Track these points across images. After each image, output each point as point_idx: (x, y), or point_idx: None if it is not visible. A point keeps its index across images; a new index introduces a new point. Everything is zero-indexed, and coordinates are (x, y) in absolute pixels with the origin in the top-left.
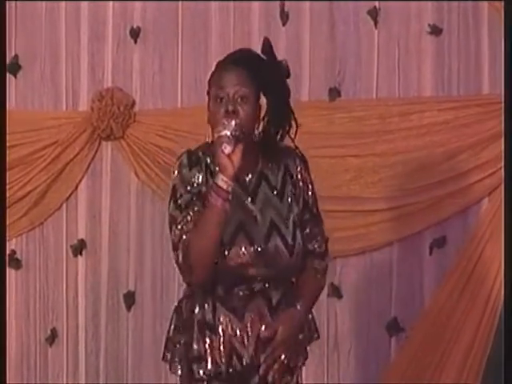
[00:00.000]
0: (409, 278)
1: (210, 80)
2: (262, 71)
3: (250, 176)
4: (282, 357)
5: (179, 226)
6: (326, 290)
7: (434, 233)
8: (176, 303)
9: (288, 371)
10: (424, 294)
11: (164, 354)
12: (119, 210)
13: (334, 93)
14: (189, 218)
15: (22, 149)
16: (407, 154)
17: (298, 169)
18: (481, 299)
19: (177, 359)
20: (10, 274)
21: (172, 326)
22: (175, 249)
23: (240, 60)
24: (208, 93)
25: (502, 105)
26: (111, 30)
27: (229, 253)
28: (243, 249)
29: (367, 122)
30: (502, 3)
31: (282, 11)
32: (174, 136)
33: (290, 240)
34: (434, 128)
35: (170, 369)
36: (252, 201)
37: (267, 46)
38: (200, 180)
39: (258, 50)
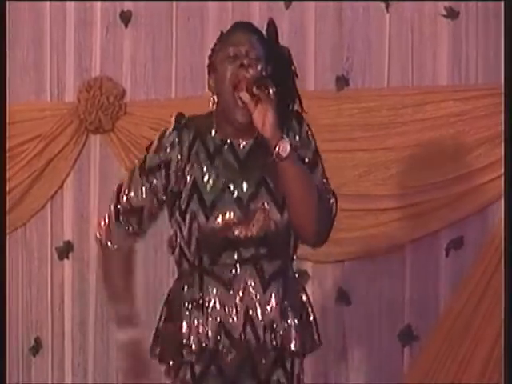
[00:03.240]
0: (423, 282)
1: (213, 51)
2: (268, 49)
3: (244, 142)
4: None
5: (132, 193)
6: (333, 296)
7: (451, 233)
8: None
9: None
10: (440, 300)
11: (152, 348)
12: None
13: (342, 82)
14: (143, 193)
15: None
16: (421, 147)
17: (294, 128)
18: (501, 305)
19: (167, 350)
20: None
21: (162, 318)
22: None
23: (249, 27)
24: (209, 65)
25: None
26: (100, 14)
27: (212, 213)
28: (227, 208)
29: (378, 114)
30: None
31: None
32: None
33: (280, 198)
34: (451, 120)
35: (160, 361)
36: (242, 164)
37: (272, 28)
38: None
39: None
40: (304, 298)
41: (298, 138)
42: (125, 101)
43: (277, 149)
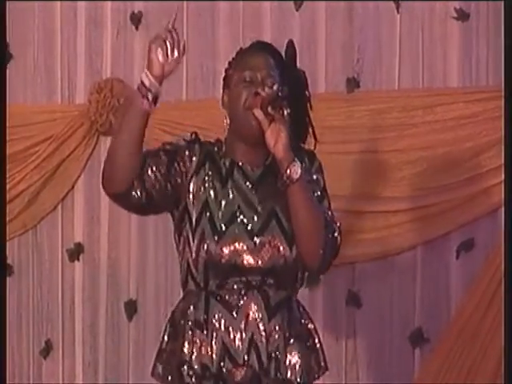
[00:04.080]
0: (434, 284)
1: (230, 65)
2: (285, 73)
3: (256, 168)
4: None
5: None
6: (344, 298)
7: (462, 235)
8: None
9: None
10: (451, 302)
11: (154, 366)
12: (119, 210)
13: (352, 83)
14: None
15: (13, 145)
16: (432, 149)
17: (306, 167)
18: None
19: (168, 368)
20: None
21: (165, 337)
22: None
23: (268, 49)
24: (225, 78)
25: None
26: (110, 15)
27: (222, 240)
28: (238, 234)
29: (388, 116)
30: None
31: None
32: (179, 131)
33: (290, 232)
34: (461, 121)
35: (161, 381)
36: (254, 189)
37: (291, 49)
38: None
39: (268, 39)
40: (310, 326)
41: (308, 175)
42: None
43: (288, 171)
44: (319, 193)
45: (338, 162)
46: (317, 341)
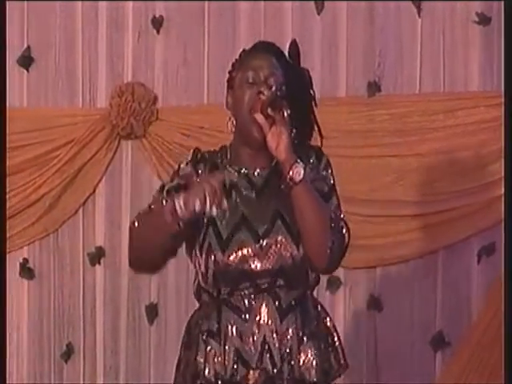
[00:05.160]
0: (455, 288)
1: (233, 67)
2: (288, 72)
3: (259, 171)
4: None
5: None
6: (365, 302)
7: (483, 239)
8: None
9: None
10: (472, 306)
11: (175, 376)
12: None
13: (374, 87)
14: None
15: (34, 149)
16: (453, 153)
17: (313, 164)
18: None
19: (185, 378)
20: (23, 284)
21: (182, 346)
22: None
23: (271, 49)
24: (229, 80)
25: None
26: (131, 19)
27: (228, 248)
28: (244, 241)
29: (409, 120)
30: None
31: None
32: (200, 135)
33: (296, 231)
34: (482, 126)
35: None
36: (258, 194)
37: (295, 48)
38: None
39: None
40: (328, 324)
41: (315, 173)
42: (157, 106)
43: (291, 173)
44: (327, 190)
45: (359, 166)
46: (336, 338)
